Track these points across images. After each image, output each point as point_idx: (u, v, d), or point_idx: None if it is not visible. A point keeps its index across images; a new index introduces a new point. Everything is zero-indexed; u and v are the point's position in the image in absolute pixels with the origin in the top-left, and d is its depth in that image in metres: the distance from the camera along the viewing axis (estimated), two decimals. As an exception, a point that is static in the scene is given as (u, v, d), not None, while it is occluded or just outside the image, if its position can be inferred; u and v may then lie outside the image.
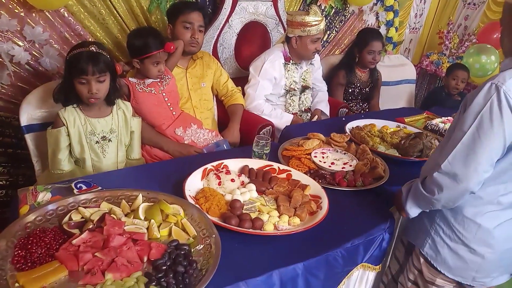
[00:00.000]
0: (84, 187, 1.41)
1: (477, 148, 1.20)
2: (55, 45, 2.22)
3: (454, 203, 1.30)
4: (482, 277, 1.40)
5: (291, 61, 2.70)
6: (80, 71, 1.67)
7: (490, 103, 1.18)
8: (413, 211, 1.40)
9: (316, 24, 2.54)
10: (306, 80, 2.82)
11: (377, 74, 3.31)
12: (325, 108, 2.91)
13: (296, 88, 2.76)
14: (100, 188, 1.42)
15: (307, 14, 2.54)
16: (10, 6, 2.02)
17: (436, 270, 1.43)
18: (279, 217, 1.40)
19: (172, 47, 2.02)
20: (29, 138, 1.95)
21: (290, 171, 1.70)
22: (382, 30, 3.92)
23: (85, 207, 1.25)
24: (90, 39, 2.33)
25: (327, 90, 3.08)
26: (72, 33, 2.27)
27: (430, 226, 1.42)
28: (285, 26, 2.87)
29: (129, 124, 1.92)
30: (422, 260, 1.47)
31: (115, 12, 2.36)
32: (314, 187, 1.59)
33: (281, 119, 2.63)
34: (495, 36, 3.84)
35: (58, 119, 1.75)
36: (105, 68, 1.72)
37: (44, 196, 1.33)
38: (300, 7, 3.26)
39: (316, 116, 2.82)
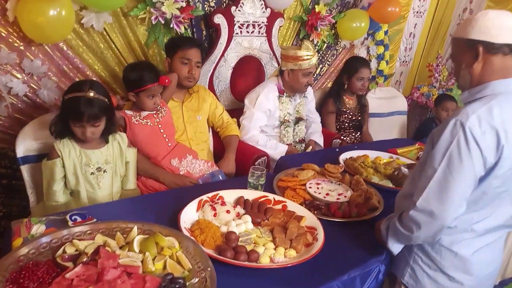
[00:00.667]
0: (79, 219, 1.40)
1: (449, 185, 1.22)
2: (53, 78, 2.26)
3: (433, 238, 1.32)
4: None
5: (285, 93, 2.76)
6: (77, 116, 1.69)
7: (457, 140, 1.21)
8: (396, 247, 1.41)
9: (308, 58, 2.61)
10: (299, 112, 2.87)
11: (364, 100, 3.38)
12: (319, 139, 2.95)
13: (290, 120, 2.81)
14: (95, 220, 1.41)
15: (299, 48, 2.62)
16: (10, 39, 2.07)
17: None
18: (275, 249, 1.39)
19: (166, 81, 2.07)
20: (24, 169, 1.95)
21: (285, 202, 1.71)
22: (373, 63, 4.03)
23: (79, 240, 1.24)
24: (88, 72, 2.37)
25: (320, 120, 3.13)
26: (71, 66, 2.31)
27: (409, 255, 1.45)
28: (279, 60, 2.95)
29: (124, 155, 1.93)
30: None
31: (113, 46, 2.42)
32: (310, 219, 1.59)
33: (276, 150, 2.65)
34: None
35: (53, 151, 1.76)
36: (101, 114, 1.74)
37: (38, 228, 1.32)
38: (293, 42, 3.36)
39: (311, 147, 2.85)
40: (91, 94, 1.69)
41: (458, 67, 1.35)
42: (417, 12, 4.50)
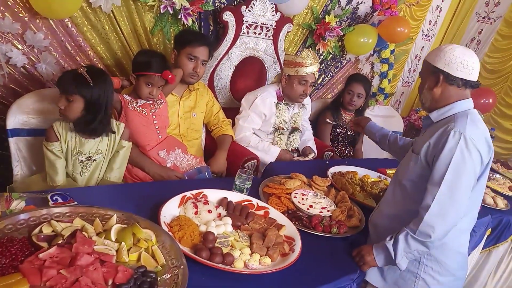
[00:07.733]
0: (60, 200, 1.40)
1: (458, 186, 1.40)
2: (54, 53, 2.24)
3: (443, 238, 1.45)
4: None
5: (283, 101, 2.73)
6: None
7: (460, 146, 1.40)
8: (404, 261, 1.49)
9: (305, 65, 2.56)
10: (296, 122, 2.84)
11: None
12: (313, 146, 2.95)
13: (285, 128, 2.76)
14: (75, 203, 1.41)
15: (299, 54, 2.60)
16: (15, 9, 2.05)
17: None
18: (250, 255, 1.40)
19: (169, 76, 2.03)
20: (12, 142, 1.93)
21: (268, 208, 1.72)
22: (376, 81, 4.05)
23: (57, 221, 1.24)
24: (89, 52, 2.36)
25: (316, 129, 3.16)
26: (73, 44, 2.30)
27: (418, 269, 1.57)
28: (282, 65, 2.94)
29: (115, 147, 1.91)
30: None
31: (118, 29, 2.41)
32: (290, 228, 1.59)
33: (267, 152, 2.64)
34: (482, 101, 3.97)
35: (52, 132, 1.74)
36: (76, 90, 1.69)
37: (18, 204, 1.32)
38: (299, 48, 3.36)
39: (313, 154, 2.82)
40: (81, 70, 1.70)
41: (422, 85, 1.60)
42: (425, 36, 4.54)
